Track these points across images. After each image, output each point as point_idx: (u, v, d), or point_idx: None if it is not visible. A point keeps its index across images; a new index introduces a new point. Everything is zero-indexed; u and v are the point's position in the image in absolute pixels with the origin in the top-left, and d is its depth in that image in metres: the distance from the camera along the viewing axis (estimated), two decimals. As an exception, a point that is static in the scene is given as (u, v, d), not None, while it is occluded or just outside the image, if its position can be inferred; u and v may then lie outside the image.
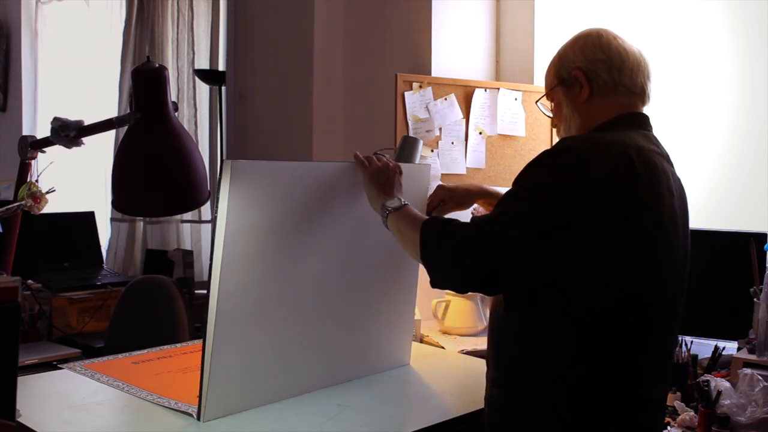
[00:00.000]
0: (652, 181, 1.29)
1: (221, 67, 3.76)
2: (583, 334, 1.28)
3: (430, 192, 1.85)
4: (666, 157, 1.39)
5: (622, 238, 1.26)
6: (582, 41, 1.44)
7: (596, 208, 1.24)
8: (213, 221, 3.97)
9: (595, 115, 1.41)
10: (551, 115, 1.53)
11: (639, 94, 1.42)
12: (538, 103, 1.59)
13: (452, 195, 1.83)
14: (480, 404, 1.48)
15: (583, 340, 1.28)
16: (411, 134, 2.55)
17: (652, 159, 1.32)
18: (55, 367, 1.88)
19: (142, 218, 3.89)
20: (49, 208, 1.71)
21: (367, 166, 1.64)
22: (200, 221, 3.93)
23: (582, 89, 1.42)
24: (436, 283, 1.39)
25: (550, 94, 1.49)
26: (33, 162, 1.80)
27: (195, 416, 1.50)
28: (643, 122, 1.42)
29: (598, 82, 1.40)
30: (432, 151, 2.64)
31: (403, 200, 1.56)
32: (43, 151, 1.83)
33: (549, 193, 1.26)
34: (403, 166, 1.72)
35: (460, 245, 1.30)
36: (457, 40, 2.87)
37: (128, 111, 1.66)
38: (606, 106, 1.41)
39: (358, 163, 1.66)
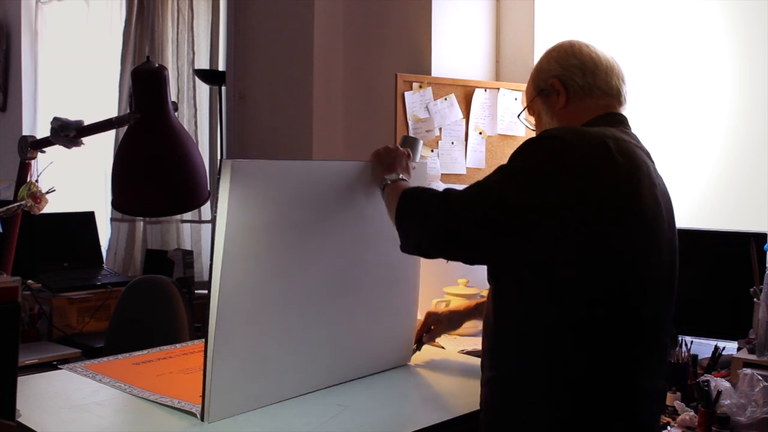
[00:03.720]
0: (632, 169, 1.32)
1: (221, 67, 3.76)
2: (580, 329, 1.28)
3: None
4: (646, 153, 1.42)
5: (600, 225, 1.26)
6: (555, 52, 1.50)
7: (574, 193, 1.26)
8: (213, 221, 3.94)
9: (574, 119, 1.46)
10: (534, 128, 1.58)
11: (615, 95, 1.47)
12: (520, 117, 1.64)
13: (440, 318, 1.97)
14: (480, 404, 1.49)
15: (580, 336, 1.28)
16: (411, 134, 2.55)
17: (631, 149, 1.35)
18: (55, 367, 1.88)
19: (142, 218, 3.89)
20: (49, 208, 1.71)
21: (377, 150, 1.72)
22: (200, 221, 3.93)
23: (559, 96, 1.47)
24: (405, 246, 1.46)
25: (530, 107, 1.55)
26: (33, 162, 1.80)
27: (199, 417, 1.50)
28: (622, 121, 1.46)
29: (574, 87, 1.46)
30: (432, 151, 2.64)
31: (401, 176, 1.63)
32: (43, 151, 1.83)
33: (528, 175, 1.29)
34: None
35: (430, 205, 1.37)
36: (457, 40, 2.87)
37: (128, 111, 1.66)
38: (584, 109, 1.46)
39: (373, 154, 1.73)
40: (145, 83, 1.64)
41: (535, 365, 1.32)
